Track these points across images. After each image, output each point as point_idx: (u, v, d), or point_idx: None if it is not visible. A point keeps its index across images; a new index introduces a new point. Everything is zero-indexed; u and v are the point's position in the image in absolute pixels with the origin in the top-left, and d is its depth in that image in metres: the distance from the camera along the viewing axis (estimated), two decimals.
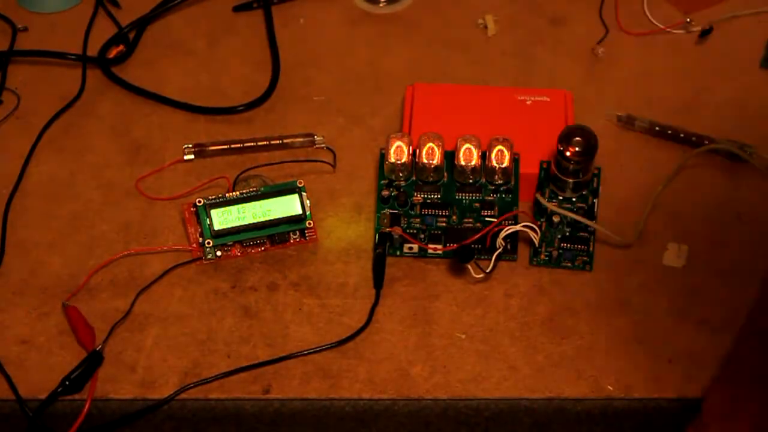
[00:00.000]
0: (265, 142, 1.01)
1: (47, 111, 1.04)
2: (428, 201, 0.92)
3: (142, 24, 1.13)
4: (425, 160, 0.91)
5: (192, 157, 1.01)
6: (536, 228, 0.89)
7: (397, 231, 0.90)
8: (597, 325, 0.88)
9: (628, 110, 1.03)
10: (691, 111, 1.03)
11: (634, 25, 1.12)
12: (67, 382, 0.83)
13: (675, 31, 1.11)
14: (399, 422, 0.83)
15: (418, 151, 0.91)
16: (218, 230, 0.91)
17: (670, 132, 1.00)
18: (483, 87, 1.00)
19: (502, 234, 0.88)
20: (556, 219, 0.90)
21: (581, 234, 0.91)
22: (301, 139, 1.01)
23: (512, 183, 0.92)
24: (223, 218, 0.91)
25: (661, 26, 1.11)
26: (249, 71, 1.09)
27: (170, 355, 0.86)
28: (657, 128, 1.01)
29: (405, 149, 0.91)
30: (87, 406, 0.83)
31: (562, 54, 1.09)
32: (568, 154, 0.88)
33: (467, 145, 0.91)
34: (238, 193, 0.92)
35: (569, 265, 0.91)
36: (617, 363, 0.86)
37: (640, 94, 1.05)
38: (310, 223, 0.92)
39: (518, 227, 0.88)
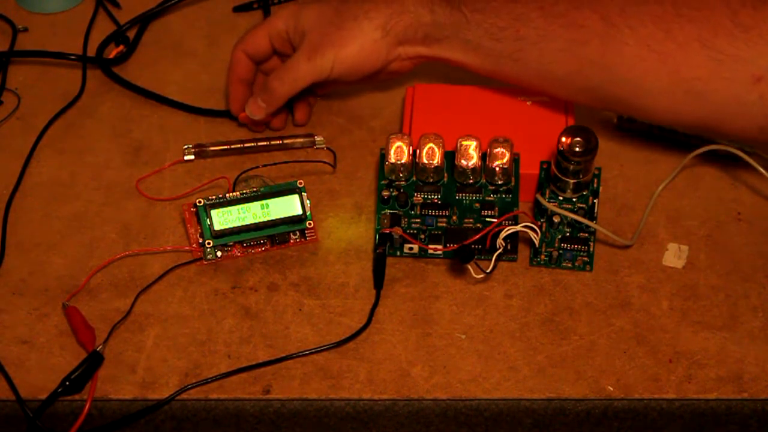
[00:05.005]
0: (265, 143, 1.01)
1: (47, 111, 1.04)
2: (428, 201, 0.92)
3: (141, 24, 1.13)
4: (425, 161, 0.91)
5: (192, 157, 1.01)
6: (536, 228, 0.89)
7: (397, 231, 0.90)
8: (597, 325, 0.88)
9: None
10: None
11: None
12: (67, 383, 0.83)
13: None
14: (399, 423, 0.83)
15: (418, 151, 0.91)
16: (218, 231, 0.91)
17: (670, 132, 1.00)
18: (483, 87, 1.00)
19: (503, 234, 0.88)
20: (556, 219, 0.90)
21: (581, 234, 0.91)
22: (301, 140, 1.01)
23: (512, 183, 0.92)
24: (223, 219, 0.91)
25: None
26: None
27: (170, 355, 0.87)
28: (657, 128, 1.01)
29: (405, 149, 0.91)
30: (87, 407, 0.83)
31: None
32: (568, 154, 0.88)
33: (467, 146, 0.91)
34: (238, 193, 0.92)
35: (569, 265, 0.91)
36: (617, 363, 0.86)
37: None
38: (310, 224, 0.93)
39: (518, 227, 0.88)
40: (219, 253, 0.92)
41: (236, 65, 1.00)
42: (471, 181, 0.92)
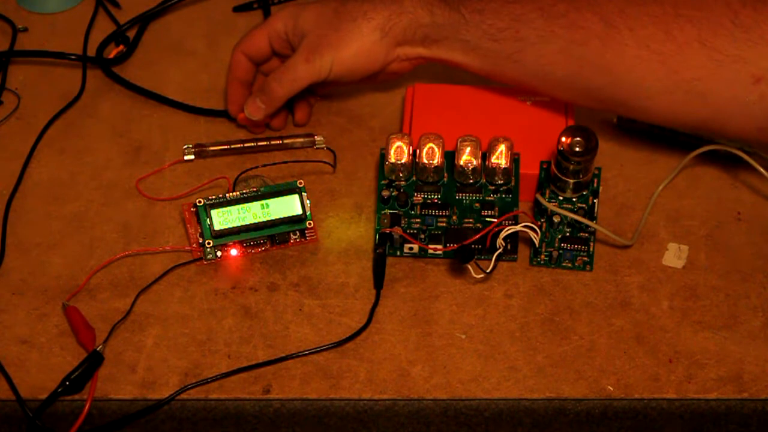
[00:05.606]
0: (265, 143, 1.01)
1: (47, 111, 1.04)
2: (428, 201, 0.92)
3: (141, 24, 1.13)
4: (425, 161, 0.91)
5: (192, 157, 1.01)
6: (536, 228, 0.89)
7: (397, 231, 0.90)
8: (597, 325, 0.88)
9: None
10: None
11: None
12: (67, 383, 0.83)
13: None
14: (399, 422, 0.83)
15: (418, 151, 0.91)
16: (218, 230, 0.91)
17: (670, 132, 1.00)
18: (483, 87, 1.00)
19: (503, 234, 0.88)
20: (556, 219, 0.91)
21: (581, 234, 0.91)
22: (301, 140, 1.01)
23: (512, 183, 0.92)
24: (223, 218, 0.91)
25: None
26: None
27: (170, 355, 0.87)
28: (657, 128, 1.01)
29: (405, 149, 0.91)
30: (87, 407, 0.83)
31: None
32: (568, 154, 0.88)
33: (467, 146, 0.91)
34: (238, 193, 0.92)
35: (569, 265, 0.91)
36: (617, 363, 0.86)
37: None
38: (310, 224, 0.93)
39: (518, 227, 0.88)
40: (219, 253, 0.92)
41: (236, 66, 1.00)
42: (471, 181, 0.92)
